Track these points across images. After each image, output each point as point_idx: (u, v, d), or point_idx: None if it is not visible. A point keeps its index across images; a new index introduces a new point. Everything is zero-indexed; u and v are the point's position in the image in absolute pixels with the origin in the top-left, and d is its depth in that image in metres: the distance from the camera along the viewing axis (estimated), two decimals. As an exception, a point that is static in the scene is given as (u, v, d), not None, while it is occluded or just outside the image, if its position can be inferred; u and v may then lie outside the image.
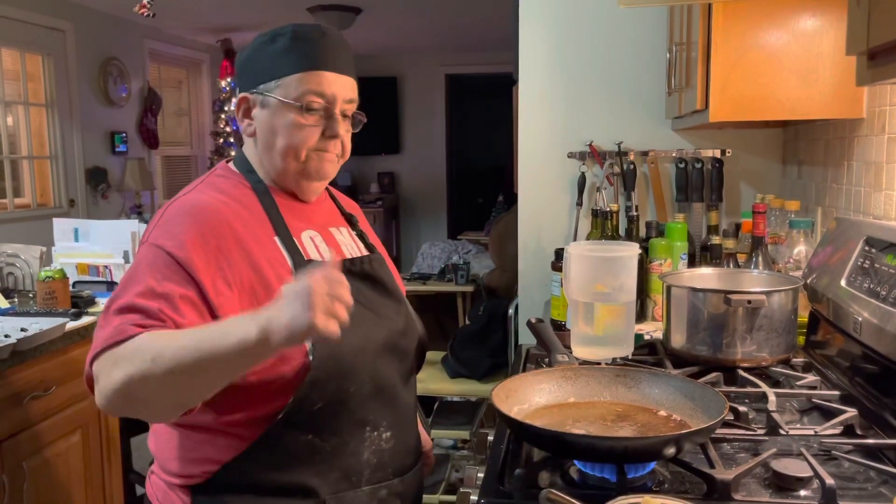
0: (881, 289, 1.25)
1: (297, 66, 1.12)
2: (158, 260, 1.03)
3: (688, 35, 1.86)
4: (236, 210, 1.11)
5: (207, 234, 1.06)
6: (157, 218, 1.11)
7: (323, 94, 1.13)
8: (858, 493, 1.01)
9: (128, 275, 1.05)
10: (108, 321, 1.00)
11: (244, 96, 1.17)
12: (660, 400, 1.20)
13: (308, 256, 1.13)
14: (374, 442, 1.14)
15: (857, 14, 0.76)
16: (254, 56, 1.17)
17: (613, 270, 1.51)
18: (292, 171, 1.16)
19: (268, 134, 1.15)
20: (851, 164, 1.69)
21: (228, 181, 1.17)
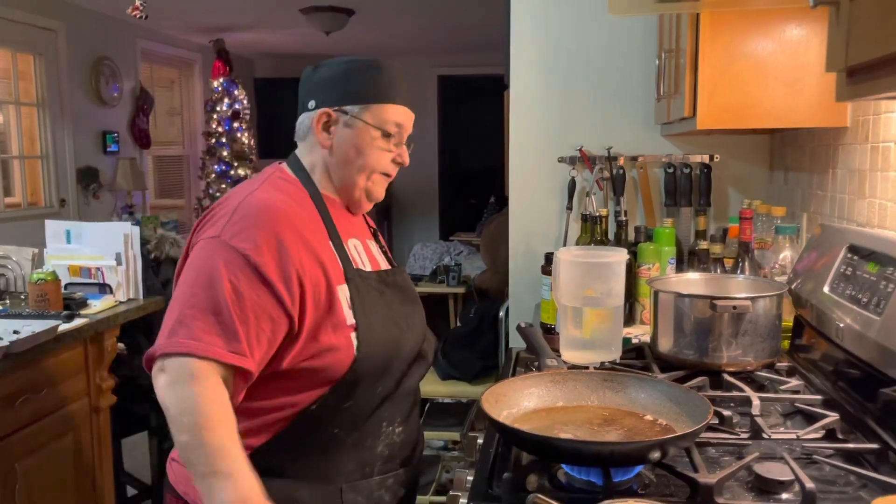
0: (862, 296, 1.28)
1: (387, 98, 1.26)
2: (235, 262, 1.11)
3: (676, 43, 1.88)
4: (299, 212, 1.21)
5: (280, 235, 1.14)
6: (230, 212, 1.16)
7: (400, 125, 1.28)
8: (839, 497, 1.03)
9: (201, 269, 1.12)
10: (182, 324, 1.08)
11: (327, 111, 1.26)
12: (646, 404, 1.22)
13: (356, 264, 1.25)
14: (388, 436, 1.25)
15: (836, 32, 0.78)
16: (342, 77, 1.27)
17: (602, 276, 1.53)
18: (359, 188, 1.29)
19: (349, 150, 1.26)
20: (836, 172, 1.72)
21: (289, 184, 1.27)
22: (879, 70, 0.70)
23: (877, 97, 0.78)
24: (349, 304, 1.19)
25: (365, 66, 1.27)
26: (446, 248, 5.21)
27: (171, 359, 1.08)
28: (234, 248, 1.11)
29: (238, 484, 1.03)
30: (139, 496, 2.96)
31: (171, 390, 1.07)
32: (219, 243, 1.12)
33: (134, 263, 2.48)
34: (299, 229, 1.18)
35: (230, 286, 1.09)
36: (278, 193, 1.23)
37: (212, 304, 1.08)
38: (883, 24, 0.66)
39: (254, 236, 1.12)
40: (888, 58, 0.65)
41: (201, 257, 1.13)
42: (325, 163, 1.28)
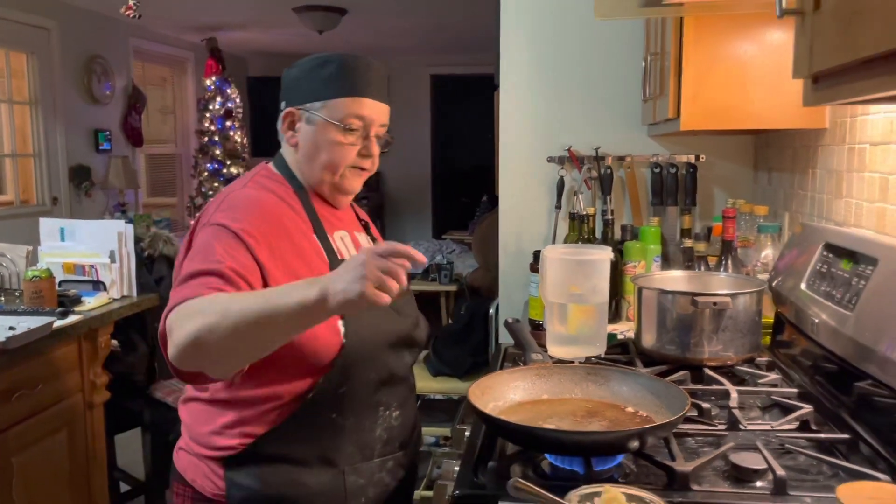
0: (837, 292, 1.32)
1: (343, 91, 1.27)
2: (225, 236, 1.17)
3: (662, 46, 1.92)
4: (284, 208, 1.26)
5: (265, 224, 1.20)
6: (218, 203, 1.24)
7: (362, 117, 1.28)
8: (811, 485, 1.07)
9: (196, 248, 1.18)
10: (185, 284, 1.11)
11: (291, 110, 1.31)
12: (628, 397, 1.27)
13: (341, 255, 1.29)
14: (385, 420, 1.30)
15: (801, 41, 0.82)
16: (304, 76, 1.30)
17: (587, 273, 1.57)
18: (328, 183, 1.32)
19: (310, 148, 1.29)
20: (815, 172, 1.76)
21: (274, 182, 1.31)
22: (840, 77, 0.74)
23: (839, 102, 0.82)
24: None
25: (324, 63, 1.29)
26: (439, 246, 5.25)
27: (170, 317, 1.08)
28: (223, 227, 1.18)
29: (309, 284, 1.00)
30: (132, 492, 2.99)
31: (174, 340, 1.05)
32: (210, 228, 1.19)
33: (128, 261, 2.51)
34: (283, 222, 1.23)
35: (220, 248, 1.15)
36: (264, 190, 1.28)
37: (205, 269, 1.12)
38: (842, 34, 0.70)
39: (240, 218, 1.19)
40: (847, 66, 0.69)
41: (196, 243, 1.20)
42: (296, 160, 1.33)
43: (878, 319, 1.15)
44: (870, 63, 0.68)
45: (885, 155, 1.39)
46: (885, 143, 1.39)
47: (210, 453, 1.24)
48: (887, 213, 1.37)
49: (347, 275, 0.98)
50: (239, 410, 1.22)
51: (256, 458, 1.21)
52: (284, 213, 1.26)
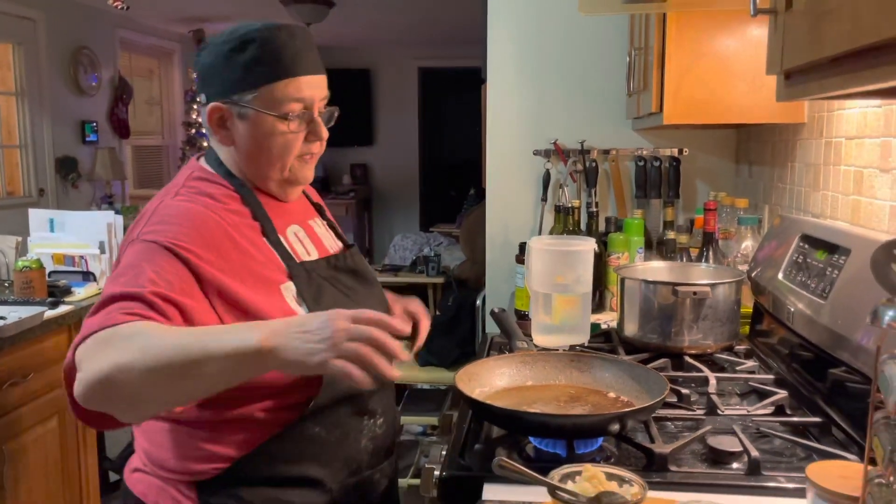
0: (812, 282, 1.36)
1: (274, 75, 1.10)
2: (155, 253, 1.01)
3: (645, 41, 1.96)
4: (225, 214, 1.10)
5: (204, 234, 1.05)
6: (147, 216, 1.08)
7: (302, 99, 1.12)
8: (786, 466, 1.12)
9: (121, 269, 1.02)
10: (103, 310, 0.96)
11: (217, 106, 1.13)
12: (610, 383, 1.30)
13: (296, 254, 1.16)
14: (371, 430, 1.19)
15: (774, 38, 0.86)
16: (222, 63, 1.12)
17: (571, 263, 1.61)
18: (275, 180, 1.17)
19: (250, 145, 1.14)
20: (794, 166, 1.81)
21: (210, 184, 1.15)
22: (810, 74, 0.78)
23: (809, 98, 0.86)
24: (298, 301, 1.11)
25: (242, 43, 1.10)
26: (426, 239, 5.28)
27: (79, 349, 0.93)
28: (153, 242, 1.02)
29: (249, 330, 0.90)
30: (120, 482, 3.00)
31: (82, 375, 0.90)
32: (138, 243, 1.04)
33: (117, 252, 2.52)
34: (225, 229, 1.08)
35: (149, 267, 0.99)
36: (199, 196, 1.12)
37: (122, 292, 0.97)
38: (812, 32, 0.73)
39: (174, 231, 1.04)
40: (816, 63, 0.73)
41: (122, 261, 1.05)
42: (234, 159, 1.17)
43: (850, 308, 1.19)
44: (837, 61, 0.71)
45: (860, 149, 1.43)
46: (859, 138, 1.43)
47: (179, 477, 1.09)
48: (861, 205, 1.42)
49: (309, 335, 0.86)
50: (211, 432, 1.07)
51: (235, 480, 1.07)
52: (226, 217, 1.10)
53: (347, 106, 7.04)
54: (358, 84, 7.99)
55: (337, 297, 1.16)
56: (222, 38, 1.13)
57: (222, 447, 1.07)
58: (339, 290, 1.18)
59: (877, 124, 1.36)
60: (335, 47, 7.86)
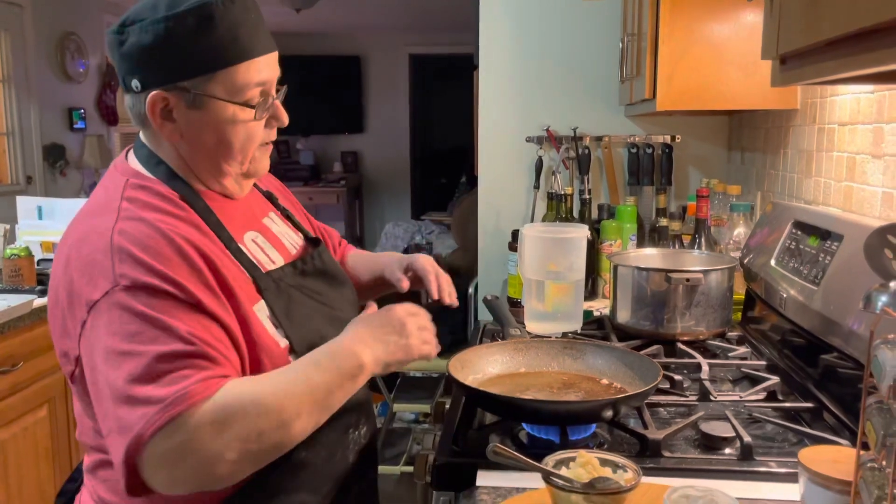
0: (804, 268, 1.37)
1: (234, 57, 0.95)
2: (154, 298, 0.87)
3: (638, 27, 1.95)
4: (182, 230, 0.94)
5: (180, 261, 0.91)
6: (105, 260, 0.89)
7: (263, 82, 0.99)
8: (778, 451, 1.12)
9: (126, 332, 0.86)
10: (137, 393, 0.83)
11: (162, 95, 0.95)
12: (602, 370, 1.30)
13: (260, 264, 1.04)
14: (356, 442, 1.12)
15: (769, 23, 0.85)
16: (164, 42, 0.94)
17: (564, 251, 1.61)
18: (232, 175, 1.04)
19: (206, 138, 0.98)
20: (787, 152, 1.81)
21: (152, 195, 0.97)
22: (806, 58, 0.78)
23: (805, 83, 0.86)
24: (274, 323, 1.00)
25: (190, 17, 0.93)
26: (417, 227, 5.27)
27: (161, 433, 0.82)
28: (141, 287, 0.87)
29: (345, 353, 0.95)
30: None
31: (193, 467, 0.84)
32: (122, 292, 0.87)
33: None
34: (191, 246, 0.93)
35: (168, 318, 0.86)
36: (146, 212, 0.94)
37: (166, 347, 0.85)
38: (807, 15, 0.73)
39: (151, 266, 0.89)
40: (812, 47, 0.73)
41: (115, 317, 0.87)
42: (180, 156, 1.01)
43: (842, 294, 1.20)
44: (833, 44, 0.71)
45: (853, 135, 1.43)
46: (852, 124, 1.43)
47: None
48: (853, 191, 1.42)
49: (389, 334, 0.99)
50: None
51: None
52: (190, 238, 0.94)
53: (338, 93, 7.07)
54: (348, 71, 7.94)
55: (308, 307, 1.07)
56: (160, 11, 0.94)
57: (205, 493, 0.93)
58: (310, 296, 1.09)
59: (869, 110, 1.36)
60: (325, 34, 7.81)
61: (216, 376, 0.87)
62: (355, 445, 1.13)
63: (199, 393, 0.84)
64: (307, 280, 1.10)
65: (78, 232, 0.95)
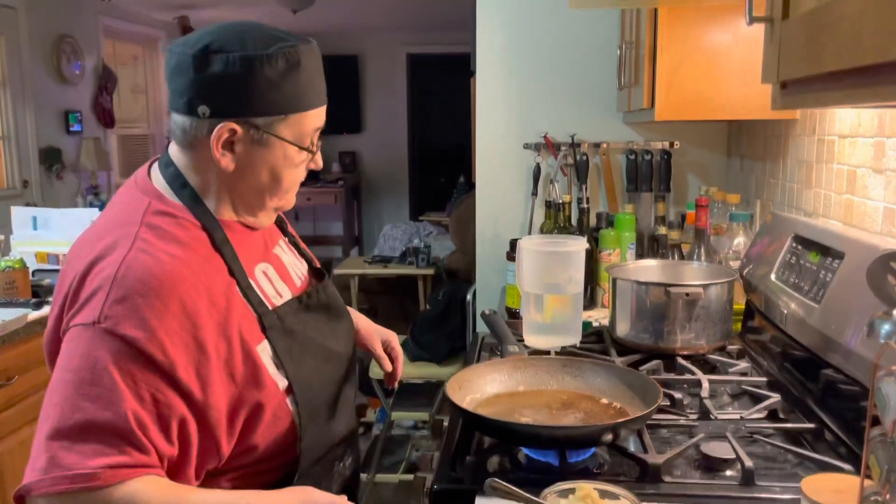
0: (804, 284, 1.35)
1: (307, 103, 0.99)
2: (123, 353, 0.86)
3: (636, 34, 1.93)
4: (196, 266, 0.94)
5: (175, 307, 0.89)
6: (105, 288, 0.89)
7: (319, 128, 1.04)
8: (778, 474, 1.11)
9: (84, 369, 0.86)
10: (76, 440, 0.84)
11: (231, 126, 0.96)
12: (602, 388, 1.29)
13: (268, 299, 1.03)
14: (340, 474, 1.13)
15: (770, 48, 0.84)
16: (247, 77, 0.95)
17: (562, 264, 1.59)
18: (268, 210, 1.06)
19: (261, 173, 1.00)
20: (786, 162, 1.79)
21: (174, 223, 0.97)
22: (807, 86, 0.76)
23: (806, 107, 0.84)
24: (276, 363, 0.99)
25: (281, 60, 0.95)
26: (416, 229, 5.25)
27: (50, 499, 0.83)
28: (119, 337, 0.86)
29: None
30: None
31: None
32: (100, 332, 0.87)
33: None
34: (200, 290, 0.92)
35: (123, 385, 0.85)
36: (164, 244, 0.93)
37: (102, 414, 0.85)
38: (809, 46, 0.71)
39: (142, 316, 0.87)
40: (813, 77, 0.71)
41: (79, 353, 0.87)
42: (222, 185, 1.01)
43: (843, 313, 1.18)
44: (836, 75, 0.69)
45: (853, 148, 1.42)
46: (852, 137, 1.42)
47: None
48: (854, 205, 1.41)
49: None
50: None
51: None
52: (200, 273, 0.94)
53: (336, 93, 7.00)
54: (346, 71, 7.92)
55: (309, 346, 1.07)
56: (250, 47, 0.95)
57: None
58: (311, 334, 1.08)
59: (870, 124, 1.34)
60: (323, 34, 7.77)
61: (134, 465, 0.85)
62: (339, 477, 1.13)
63: (105, 478, 0.83)
64: (310, 315, 1.09)
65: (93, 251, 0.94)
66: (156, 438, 0.87)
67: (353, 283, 3.97)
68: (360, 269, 4.02)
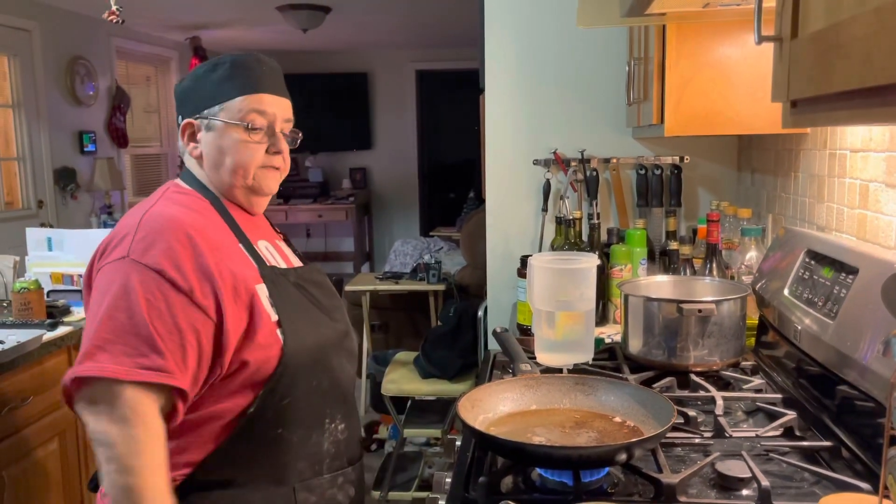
0: (818, 299, 1.34)
1: (240, 90, 1.23)
2: (149, 280, 1.09)
3: (645, 51, 1.94)
4: (202, 221, 1.19)
5: (189, 242, 1.12)
6: (131, 232, 1.13)
7: (264, 112, 1.24)
8: (795, 493, 1.10)
9: (114, 293, 1.08)
10: (107, 346, 1.06)
11: (189, 122, 1.27)
12: (615, 407, 1.28)
13: (268, 261, 1.25)
14: (332, 433, 1.25)
15: (779, 67, 0.84)
16: (195, 85, 1.27)
17: (574, 281, 1.59)
18: (240, 188, 1.26)
19: (215, 154, 1.25)
20: (798, 176, 1.78)
21: (187, 197, 1.25)
22: (818, 105, 0.76)
23: (817, 126, 0.84)
24: (270, 302, 1.18)
25: (215, 66, 1.25)
26: (426, 244, 5.25)
27: (99, 385, 1.05)
28: (145, 266, 1.09)
29: None
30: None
31: (114, 426, 1.04)
32: (128, 263, 1.10)
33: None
34: (206, 235, 1.16)
35: (147, 304, 1.07)
36: (177, 206, 1.21)
37: (132, 326, 1.06)
38: (819, 65, 0.71)
39: (163, 249, 1.11)
40: (823, 97, 0.71)
41: (112, 280, 1.10)
42: (204, 171, 1.28)
43: (858, 329, 1.17)
44: (847, 94, 0.69)
45: (865, 162, 1.41)
46: (864, 151, 1.41)
47: None
48: (868, 219, 1.40)
49: None
50: (176, 439, 1.13)
51: (200, 486, 1.14)
52: (206, 226, 1.19)
53: (345, 110, 7.06)
54: (356, 88, 7.97)
55: (304, 304, 1.25)
56: (200, 67, 1.28)
57: (184, 455, 1.14)
58: (306, 297, 1.26)
59: (882, 139, 1.34)
60: (332, 52, 7.84)
61: (151, 367, 1.05)
62: (332, 437, 1.25)
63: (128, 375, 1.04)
64: (305, 283, 1.27)
65: (129, 214, 1.21)
66: (172, 348, 1.07)
67: (364, 299, 3.97)
68: (371, 286, 4.02)
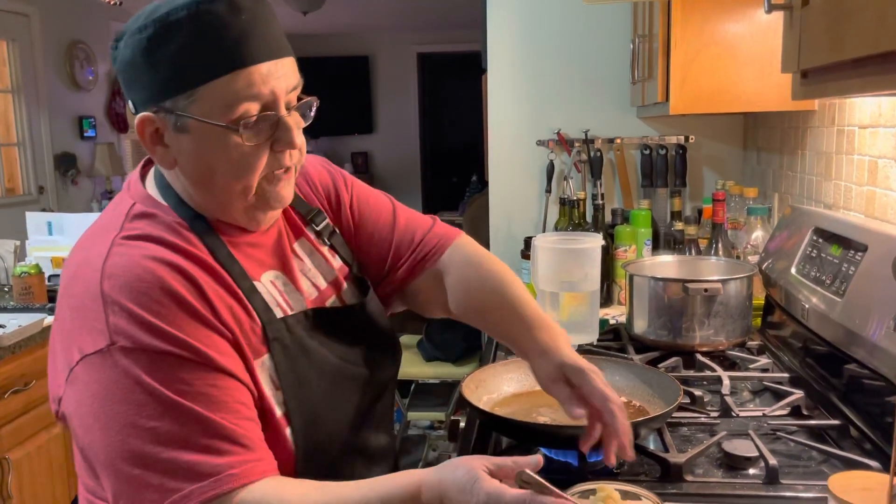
0: (826, 277, 1.33)
1: (215, 69, 0.79)
2: (158, 362, 0.78)
3: (649, 28, 1.91)
4: (185, 266, 0.83)
5: (177, 306, 0.81)
6: (100, 307, 0.79)
7: (259, 95, 0.82)
8: (803, 472, 1.09)
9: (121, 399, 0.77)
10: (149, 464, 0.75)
11: (147, 117, 0.83)
12: (621, 386, 1.27)
13: (275, 309, 0.92)
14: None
15: (790, 37, 0.82)
16: (143, 58, 0.81)
17: (578, 261, 1.57)
18: (239, 207, 0.89)
19: (198, 167, 0.85)
20: (805, 154, 1.76)
21: (155, 225, 0.86)
22: (829, 74, 0.74)
23: (828, 97, 0.82)
24: (274, 383, 0.88)
25: (167, 28, 0.79)
26: (429, 228, 5.23)
27: None
28: (130, 347, 0.78)
29: None
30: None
31: None
32: (119, 354, 0.78)
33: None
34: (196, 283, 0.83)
35: (172, 394, 0.77)
36: (141, 244, 0.83)
37: (164, 433, 0.76)
38: (831, 32, 0.69)
39: (152, 319, 0.78)
40: (835, 65, 0.69)
41: (112, 379, 0.78)
42: (181, 183, 0.89)
43: (866, 307, 1.16)
44: (860, 62, 0.67)
45: (874, 138, 1.39)
46: (873, 127, 1.39)
47: None
48: (876, 196, 1.38)
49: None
50: None
51: None
52: (191, 281, 0.83)
53: (347, 94, 7.06)
54: (357, 71, 7.93)
55: (318, 365, 0.94)
56: (140, 20, 0.81)
57: None
58: (326, 348, 0.95)
59: (891, 114, 1.31)
60: (333, 34, 7.78)
61: (245, 461, 0.78)
62: None
63: (237, 479, 0.76)
64: (330, 328, 0.97)
65: (76, 259, 0.87)
66: (244, 426, 0.80)
67: (367, 283, 3.96)
68: (373, 270, 4.00)
